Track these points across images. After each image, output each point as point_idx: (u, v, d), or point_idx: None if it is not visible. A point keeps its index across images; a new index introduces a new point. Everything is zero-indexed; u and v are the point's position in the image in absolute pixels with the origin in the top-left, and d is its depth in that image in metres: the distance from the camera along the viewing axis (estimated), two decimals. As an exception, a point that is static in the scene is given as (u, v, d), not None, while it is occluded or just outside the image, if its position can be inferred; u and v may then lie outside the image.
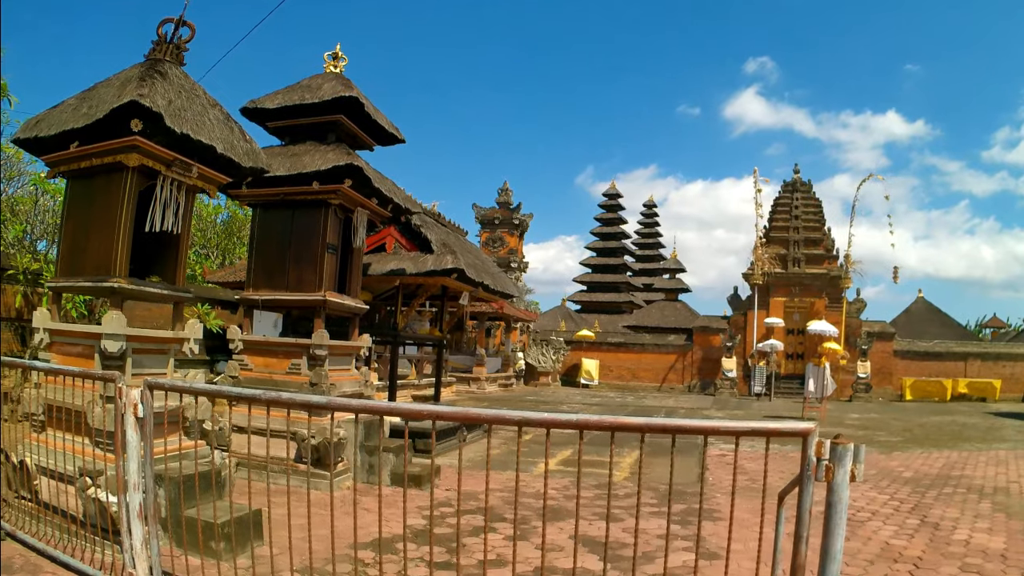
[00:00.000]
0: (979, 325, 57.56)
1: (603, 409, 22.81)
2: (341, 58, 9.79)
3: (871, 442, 15.14)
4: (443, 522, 6.97)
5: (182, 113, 6.23)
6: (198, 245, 27.64)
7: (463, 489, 8.53)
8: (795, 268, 35.68)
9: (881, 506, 8.39)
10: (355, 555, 3.82)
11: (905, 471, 11.11)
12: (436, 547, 5.94)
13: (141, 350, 6.46)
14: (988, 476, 10.80)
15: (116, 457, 4.33)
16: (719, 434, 2.48)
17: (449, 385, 24.33)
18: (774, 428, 2.59)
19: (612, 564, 5.77)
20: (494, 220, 41.65)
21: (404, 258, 11.20)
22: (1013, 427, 19.84)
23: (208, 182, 6.92)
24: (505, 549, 6.07)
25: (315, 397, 3.51)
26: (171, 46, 6.78)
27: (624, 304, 54.32)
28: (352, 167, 8.74)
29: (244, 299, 9.57)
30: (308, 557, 4.77)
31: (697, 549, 3.06)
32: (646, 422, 2.49)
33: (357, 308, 9.67)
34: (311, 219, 9.13)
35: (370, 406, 2.93)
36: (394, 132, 9.89)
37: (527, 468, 10.27)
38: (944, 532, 7.16)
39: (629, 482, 9.52)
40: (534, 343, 37.23)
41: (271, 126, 9.86)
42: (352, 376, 9.62)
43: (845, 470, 2.39)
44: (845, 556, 5.86)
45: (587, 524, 6.97)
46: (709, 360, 36.20)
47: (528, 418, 2.75)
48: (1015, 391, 33.05)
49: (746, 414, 22.57)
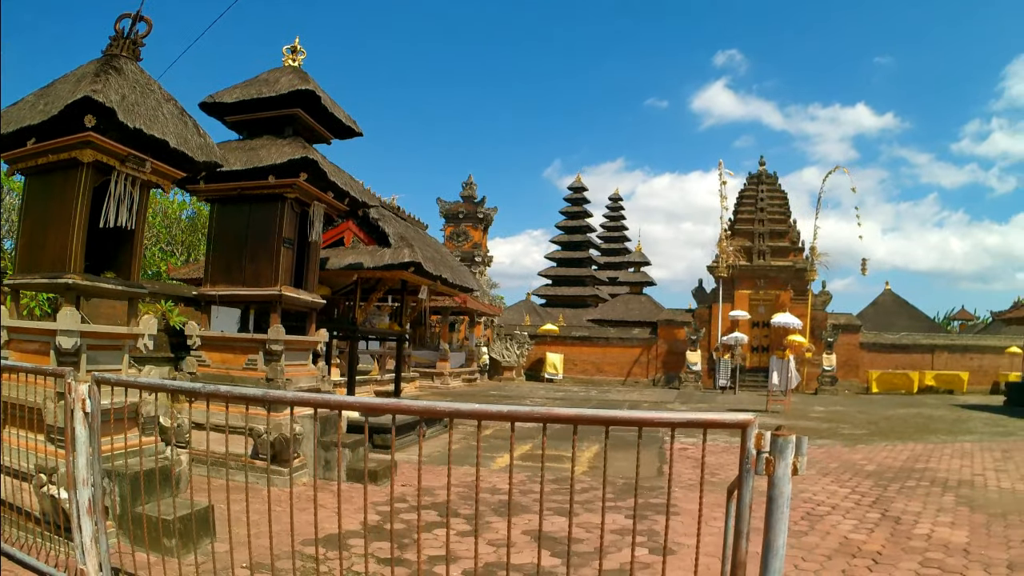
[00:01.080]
0: (948, 318, 58.60)
1: (565, 403, 22.84)
2: (300, 52, 9.76)
3: (835, 435, 15.24)
4: (397, 518, 6.97)
5: (136, 108, 6.24)
6: (163, 242, 27.43)
7: (421, 484, 8.59)
8: (760, 260, 35.72)
9: (842, 500, 8.40)
10: (316, 551, 3.88)
11: (868, 464, 11.16)
12: (388, 543, 5.95)
13: (96, 346, 6.45)
14: (953, 469, 10.83)
15: (67, 453, 4.34)
16: (653, 425, 2.46)
17: (412, 380, 24.33)
18: (711, 419, 2.50)
19: (565, 559, 5.63)
20: (458, 214, 41.51)
21: (362, 252, 11.20)
22: (980, 419, 19.98)
23: (162, 177, 6.91)
24: (456, 545, 6.11)
25: (251, 390, 3.54)
26: (128, 42, 6.85)
27: (589, 298, 54.56)
28: (307, 160, 8.75)
29: (201, 295, 9.53)
30: (260, 553, 4.86)
31: (634, 548, 3.12)
32: (578, 413, 2.51)
33: (314, 303, 9.67)
34: (267, 213, 9.13)
35: (309, 399, 2.95)
36: (351, 125, 9.88)
37: (485, 463, 10.30)
38: (905, 526, 7.15)
39: (587, 476, 9.63)
40: (498, 338, 37.19)
41: (229, 121, 9.81)
42: (309, 371, 9.61)
43: (786, 463, 2.32)
44: (803, 551, 6.03)
45: (541, 519, 6.92)
46: (674, 354, 36.12)
47: (459, 409, 2.76)
48: (983, 383, 33.38)
49: (709, 407, 22.70)
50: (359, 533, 6.28)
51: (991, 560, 6.00)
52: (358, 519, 6.65)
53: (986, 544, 6.52)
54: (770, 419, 18.44)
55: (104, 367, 6.46)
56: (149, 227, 27.71)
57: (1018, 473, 10.49)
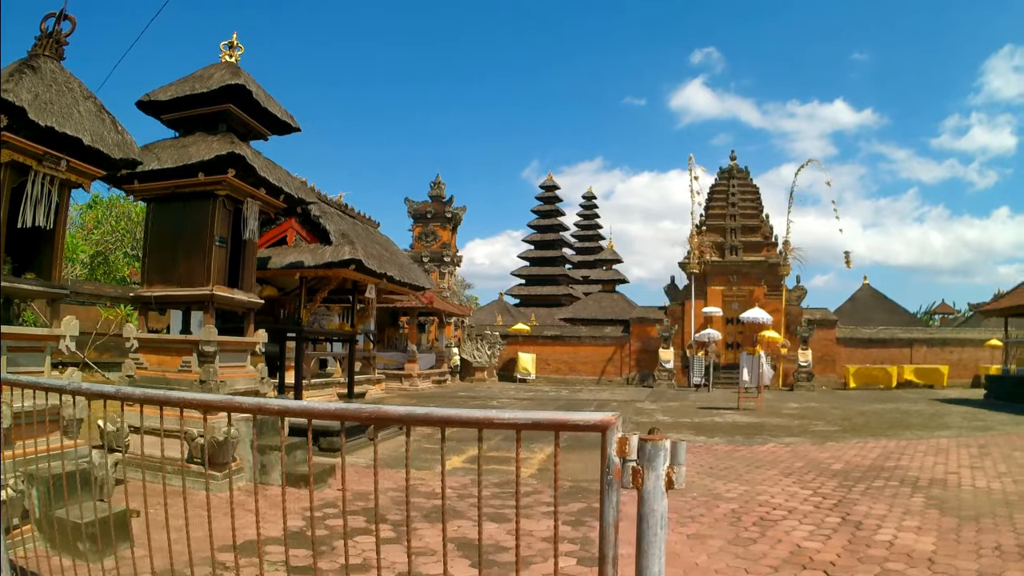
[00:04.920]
0: (928, 312, 59.01)
1: (533, 404, 22.71)
2: (237, 47, 9.60)
3: (805, 432, 14.91)
4: (323, 524, 6.81)
5: (48, 107, 6.29)
6: (127, 246, 27.14)
7: (358, 489, 8.47)
8: (733, 256, 35.70)
9: (801, 502, 7.92)
10: (235, 558, 3.78)
11: (835, 463, 10.71)
12: (307, 550, 5.75)
13: (16, 348, 6.39)
14: (925, 467, 10.32)
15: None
16: (495, 427, 2.19)
17: (378, 382, 24.18)
18: (563, 420, 2.09)
19: (486, 568, 5.53)
20: (426, 214, 41.33)
21: (304, 250, 11.05)
22: (958, 413, 19.62)
23: (81, 175, 6.87)
24: (372, 553, 5.87)
25: (156, 392, 3.43)
26: (51, 40, 6.90)
27: (563, 297, 54.60)
28: (234, 156, 8.63)
29: (137, 296, 9.41)
30: (175, 559, 4.76)
31: (519, 554, 3.05)
32: (408, 412, 2.39)
33: (250, 303, 9.52)
34: (200, 211, 9.01)
35: (214, 401, 2.85)
36: (288, 120, 9.71)
37: (431, 465, 10.13)
38: (866, 532, 6.64)
39: (535, 479, 9.36)
40: (469, 338, 36.95)
41: (165, 119, 9.65)
42: (247, 373, 9.45)
43: (658, 474, 1.94)
44: (748, 561, 5.74)
45: (471, 526, 6.66)
46: (647, 351, 35.98)
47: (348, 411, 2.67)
48: (963, 376, 33.27)
49: (679, 405, 22.55)
50: (282, 540, 6.19)
51: (958, 571, 5.50)
52: (292, 524, 6.56)
53: (954, 552, 6.00)
54: (742, 417, 18.42)
55: (25, 369, 6.40)
56: (112, 231, 27.44)
57: (995, 470, 9.98)
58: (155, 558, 3.18)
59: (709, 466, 10.45)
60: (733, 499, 8.15)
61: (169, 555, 3.41)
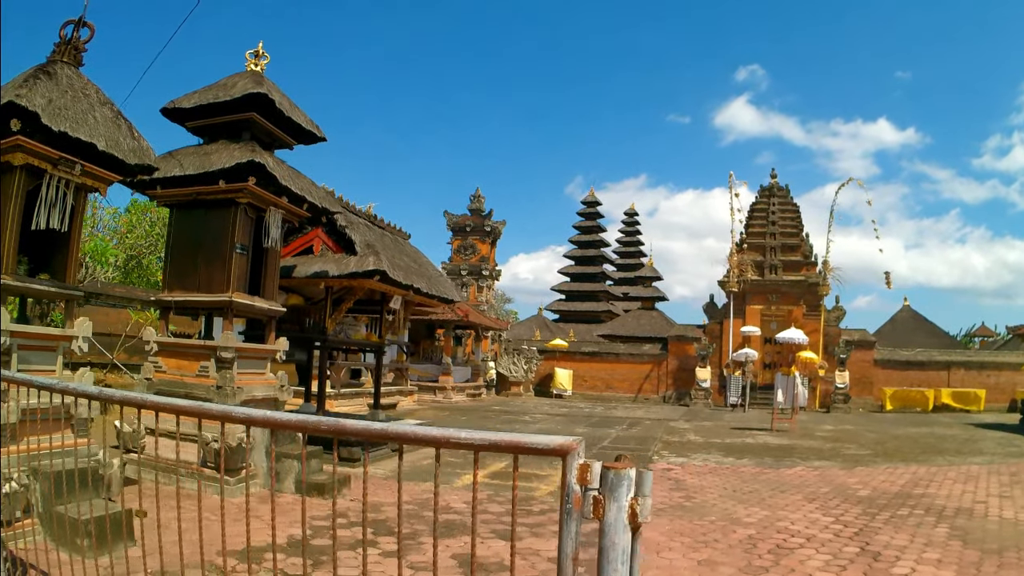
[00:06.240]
0: (968, 334, 57.65)
1: (566, 419, 22.47)
2: (263, 56, 9.66)
3: (836, 456, 14.63)
4: (328, 535, 6.72)
5: (63, 112, 6.45)
6: (161, 251, 27.64)
7: (371, 500, 8.42)
8: (772, 275, 35.21)
9: (821, 530, 7.67)
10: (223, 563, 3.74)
11: (863, 488, 10.43)
12: (311, 559, 5.75)
13: (27, 347, 6.51)
14: (953, 495, 9.99)
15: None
16: (450, 447, 1.94)
17: (411, 394, 24.20)
18: (521, 443, 1.92)
19: None
20: (465, 227, 41.34)
21: (329, 260, 11.04)
22: (993, 439, 19.14)
23: (97, 180, 7.03)
24: (373, 565, 5.88)
25: (152, 397, 3.38)
26: (69, 47, 7.02)
27: (603, 313, 54.25)
28: (253, 164, 8.63)
29: (158, 300, 9.54)
30: (168, 561, 4.74)
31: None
32: (365, 427, 2.29)
33: (271, 310, 9.51)
34: (221, 218, 9.06)
35: (210, 410, 2.77)
36: (312, 130, 9.71)
37: (450, 480, 10.11)
38: (884, 564, 6.37)
39: (552, 496, 9.21)
40: (506, 352, 36.83)
41: (190, 126, 9.72)
42: (266, 380, 9.42)
43: (620, 505, 1.77)
44: None
45: (479, 543, 6.56)
46: (684, 370, 35.55)
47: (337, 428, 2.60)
48: (1000, 401, 32.23)
49: (712, 425, 22.17)
50: (286, 548, 6.18)
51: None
52: (295, 532, 6.53)
53: (973, 588, 5.69)
54: (774, 438, 18.11)
55: (36, 368, 6.54)
56: (146, 236, 27.92)
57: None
58: (154, 559, 3.18)
59: (733, 488, 10.22)
60: (752, 524, 7.94)
61: (168, 555, 3.38)
